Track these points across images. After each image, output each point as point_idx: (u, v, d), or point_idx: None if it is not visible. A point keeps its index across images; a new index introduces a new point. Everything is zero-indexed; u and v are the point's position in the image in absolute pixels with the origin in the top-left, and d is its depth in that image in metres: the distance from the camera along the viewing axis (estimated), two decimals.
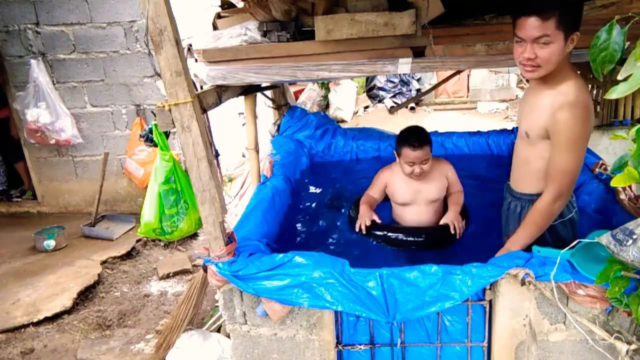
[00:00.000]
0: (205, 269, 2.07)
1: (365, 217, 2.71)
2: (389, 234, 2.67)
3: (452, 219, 2.63)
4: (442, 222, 2.67)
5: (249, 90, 3.03)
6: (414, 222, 2.77)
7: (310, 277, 1.88)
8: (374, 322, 2.05)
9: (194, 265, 3.97)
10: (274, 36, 2.14)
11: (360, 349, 2.08)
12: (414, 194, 2.72)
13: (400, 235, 2.67)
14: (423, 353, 2.08)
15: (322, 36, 2.00)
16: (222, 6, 2.72)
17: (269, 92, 3.80)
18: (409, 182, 2.70)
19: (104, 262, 4.01)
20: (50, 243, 4.20)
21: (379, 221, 2.71)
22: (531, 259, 1.88)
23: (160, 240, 4.35)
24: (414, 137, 2.57)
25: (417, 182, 2.68)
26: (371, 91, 8.90)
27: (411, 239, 2.64)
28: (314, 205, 3.32)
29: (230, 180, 5.26)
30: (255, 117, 3.33)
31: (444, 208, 2.82)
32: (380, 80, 8.78)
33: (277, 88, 3.85)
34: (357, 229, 2.69)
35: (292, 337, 2.07)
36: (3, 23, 4.52)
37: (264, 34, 2.17)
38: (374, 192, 2.86)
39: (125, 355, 2.98)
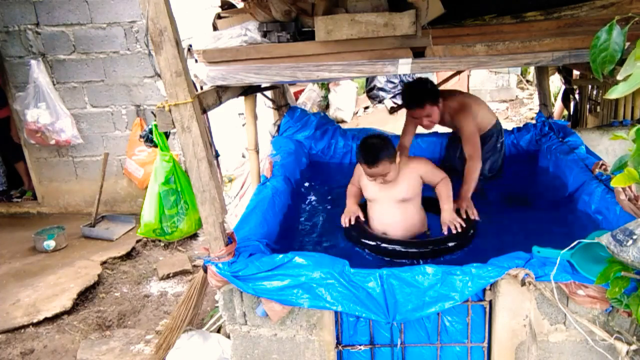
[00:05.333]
0: (205, 270, 2.07)
1: (350, 213, 2.66)
2: (383, 245, 2.48)
3: (448, 219, 2.55)
4: (442, 227, 2.55)
5: (249, 91, 3.03)
6: (378, 222, 2.64)
7: (310, 278, 1.88)
8: (374, 323, 2.05)
9: (194, 266, 3.97)
10: (274, 37, 2.14)
11: (360, 349, 2.08)
12: (378, 191, 2.60)
13: (398, 247, 2.45)
14: (423, 353, 2.08)
15: (322, 37, 2.00)
16: (222, 6, 2.72)
17: (269, 93, 3.80)
18: None
19: (103, 263, 4.01)
20: (50, 243, 4.20)
21: (362, 218, 2.65)
22: (531, 260, 1.88)
23: (160, 241, 4.34)
24: (370, 154, 2.40)
25: None
26: (371, 92, 8.89)
27: (414, 250, 2.44)
28: (314, 205, 3.32)
29: (230, 180, 5.26)
30: (255, 117, 3.33)
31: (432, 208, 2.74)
32: (380, 81, 8.77)
33: (277, 88, 3.85)
34: (343, 224, 2.65)
35: (292, 338, 2.07)
36: (3, 23, 4.52)
37: (264, 35, 2.17)
38: (355, 181, 2.78)
39: (125, 356, 2.98)
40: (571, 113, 4.99)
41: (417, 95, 3.00)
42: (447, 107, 3.11)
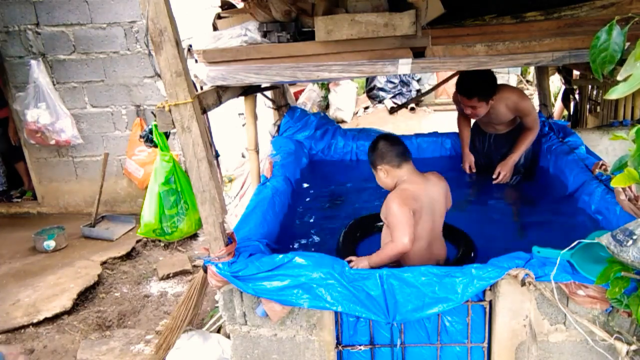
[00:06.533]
0: (205, 270, 2.07)
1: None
2: None
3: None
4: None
5: (249, 91, 3.03)
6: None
7: (310, 278, 1.88)
8: (374, 323, 2.05)
9: (194, 266, 3.97)
10: (274, 37, 2.14)
11: (360, 349, 2.08)
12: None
13: None
14: (423, 354, 2.07)
15: (322, 37, 2.00)
16: (222, 7, 2.72)
17: (269, 93, 3.80)
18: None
19: (103, 263, 4.01)
20: (50, 244, 4.20)
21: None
22: (531, 260, 1.88)
23: (160, 241, 4.34)
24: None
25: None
26: (371, 92, 8.89)
27: None
28: (314, 205, 3.32)
29: (230, 180, 5.26)
30: (255, 117, 3.33)
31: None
32: (380, 81, 8.77)
33: (277, 89, 3.85)
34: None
35: (292, 338, 2.07)
36: (3, 23, 4.52)
37: (264, 35, 2.17)
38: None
39: (125, 356, 2.98)
40: (571, 113, 4.99)
41: (470, 86, 3.07)
42: (505, 99, 3.15)
